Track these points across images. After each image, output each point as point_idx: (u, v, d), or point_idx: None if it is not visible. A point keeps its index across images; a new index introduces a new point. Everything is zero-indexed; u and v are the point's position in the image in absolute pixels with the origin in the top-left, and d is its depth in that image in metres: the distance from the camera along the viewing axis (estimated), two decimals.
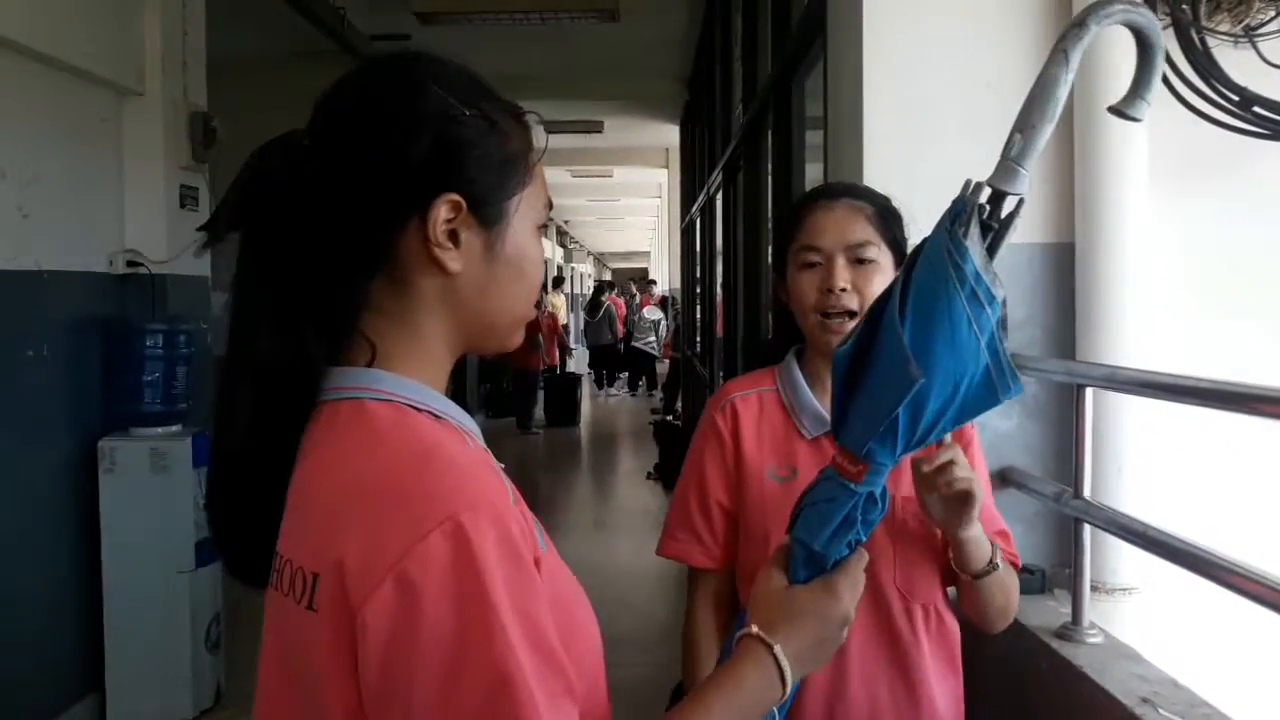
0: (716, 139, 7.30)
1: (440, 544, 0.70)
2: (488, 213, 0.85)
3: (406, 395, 0.82)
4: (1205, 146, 2.14)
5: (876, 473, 0.97)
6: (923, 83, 2.21)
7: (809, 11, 3.16)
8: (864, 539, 0.98)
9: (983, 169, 2.43)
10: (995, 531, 1.53)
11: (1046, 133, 0.92)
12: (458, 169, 0.83)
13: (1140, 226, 2.14)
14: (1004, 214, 0.94)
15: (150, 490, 3.75)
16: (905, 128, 2.21)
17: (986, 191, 0.94)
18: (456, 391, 11.01)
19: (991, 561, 1.40)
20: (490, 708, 0.69)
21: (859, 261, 1.46)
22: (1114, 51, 2.08)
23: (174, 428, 3.89)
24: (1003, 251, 0.94)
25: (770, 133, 4.23)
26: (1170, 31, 2.05)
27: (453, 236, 0.83)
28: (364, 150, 0.82)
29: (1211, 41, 2.02)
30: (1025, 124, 0.93)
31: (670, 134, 12.39)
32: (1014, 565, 1.53)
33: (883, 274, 1.47)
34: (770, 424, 1.54)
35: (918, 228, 1.56)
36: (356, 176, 0.82)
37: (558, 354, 13.63)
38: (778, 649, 0.91)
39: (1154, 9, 2.05)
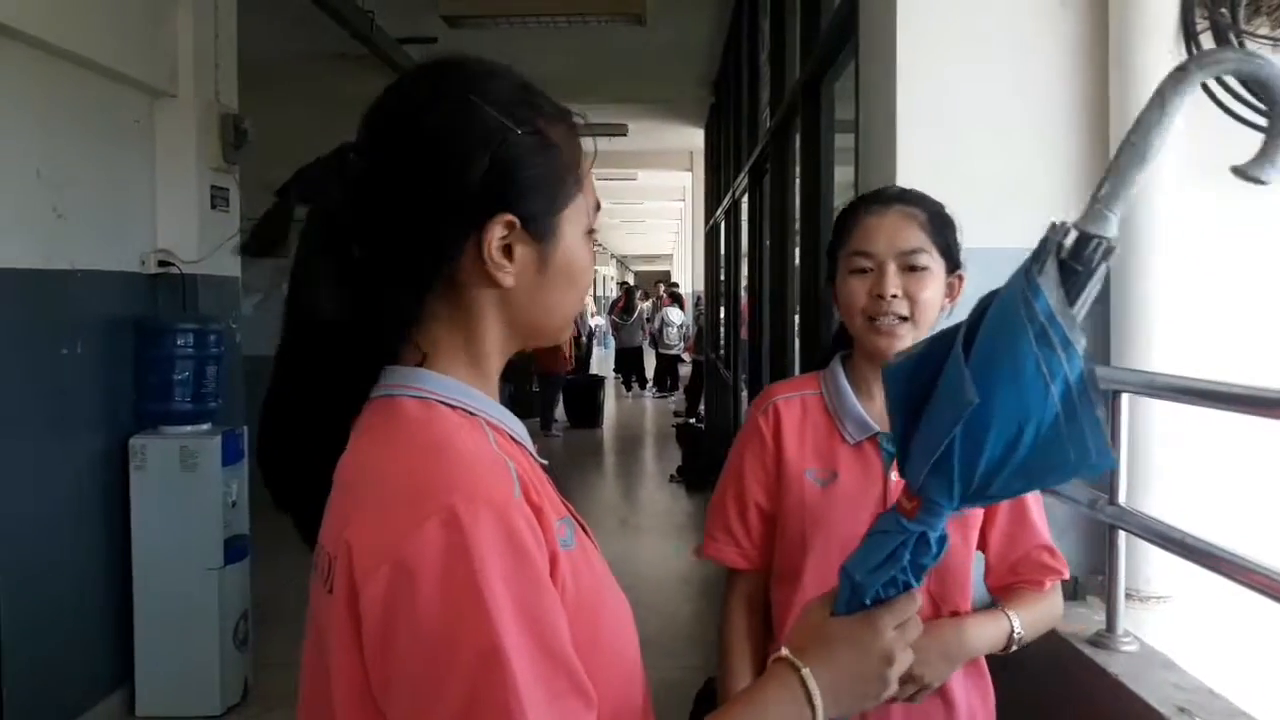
0: (742, 142, 7.29)
1: (435, 531, 0.73)
2: (540, 227, 0.87)
3: (442, 392, 0.85)
4: (1242, 150, 2.11)
5: (931, 512, 0.93)
6: (956, 87, 2.20)
7: (840, 14, 3.15)
8: (914, 583, 0.93)
9: (1016, 175, 2.42)
10: (1039, 545, 1.53)
11: (1135, 178, 0.88)
12: (512, 189, 0.85)
13: (1175, 231, 2.12)
14: (1092, 259, 0.88)
15: (180, 488, 3.79)
16: (939, 132, 2.20)
17: (1073, 234, 0.89)
18: None
19: (1010, 640, 1.46)
20: (477, 691, 0.70)
21: (911, 269, 1.46)
22: (1151, 51, 2.07)
23: (204, 426, 3.93)
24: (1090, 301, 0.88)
25: (798, 136, 4.22)
26: (1209, 34, 2.04)
27: (507, 251, 0.86)
28: (421, 173, 0.84)
29: (1251, 45, 2.00)
30: (1115, 167, 0.89)
31: (695, 137, 12.40)
32: (1061, 579, 1.55)
33: (935, 281, 1.47)
34: (813, 427, 1.54)
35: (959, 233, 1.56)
36: (415, 199, 0.84)
37: (575, 355, 13.64)
38: (805, 672, 0.88)
39: (1193, 12, 2.04)
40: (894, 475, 1.45)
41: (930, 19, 2.21)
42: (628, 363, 16.87)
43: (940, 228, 1.48)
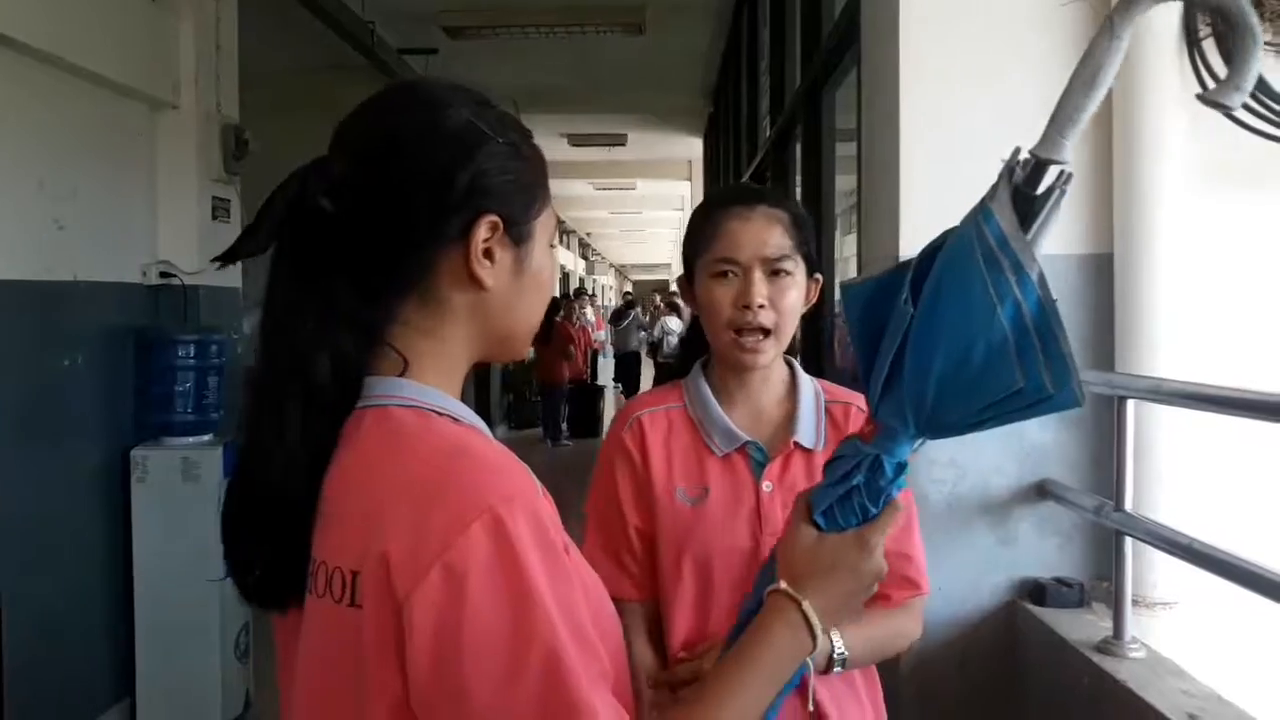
0: (742, 151, 7.31)
1: (481, 535, 0.74)
2: (518, 232, 0.90)
3: (426, 400, 0.86)
4: (1246, 156, 2.12)
5: (888, 436, 0.94)
6: (959, 92, 2.21)
7: (841, 23, 3.16)
8: (872, 508, 0.95)
9: None
10: (896, 552, 1.30)
11: (1087, 103, 0.87)
12: (494, 192, 0.88)
13: (1179, 237, 2.12)
14: (1048, 184, 0.89)
15: (181, 499, 3.76)
16: (942, 138, 2.20)
17: (1029, 160, 0.90)
18: (480, 403, 11.03)
19: (830, 661, 1.28)
20: (546, 690, 0.73)
21: (775, 274, 1.38)
22: (1154, 57, 2.08)
23: (205, 437, 3.91)
24: (1047, 236, 0.89)
25: (799, 144, 4.22)
26: (1211, 41, 2.04)
27: (488, 254, 0.88)
28: (408, 178, 0.86)
29: None
30: (1067, 94, 0.89)
31: (693, 146, 12.43)
32: (917, 595, 1.39)
33: (797, 287, 1.39)
34: (679, 443, 1.44)
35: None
36: (405, 203, 0.86)
37: (587, 365, 13.62)
38: (806, 605, 0.92)
39: (1195, 18, 2.04)
40: (766, 485, 1.38)
41: (932, 25, 2.22)
42: (624, 368, 16.75)
43: (802, 231, 1.41)
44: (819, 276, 1.46)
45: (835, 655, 1.28)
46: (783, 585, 0.94)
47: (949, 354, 0.88)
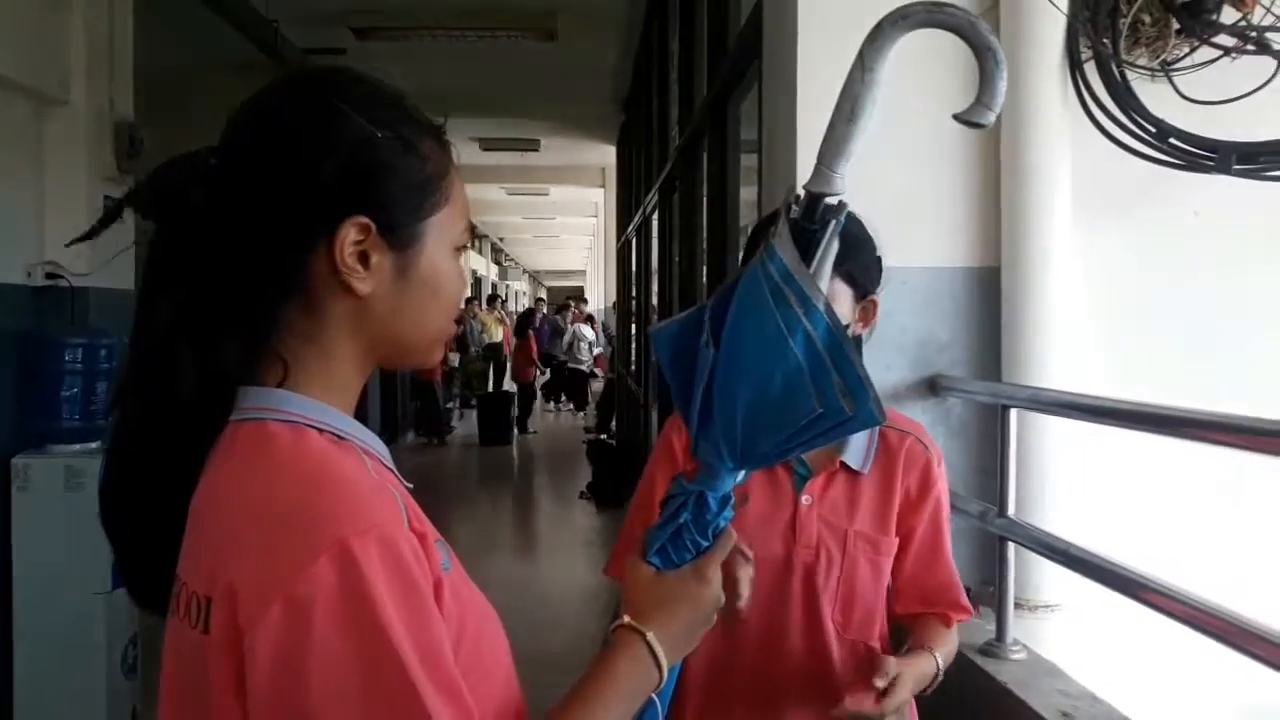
0: (653, 160, 7.34)
1: (328, 568, 0.71)
2: (400, 235, 0.84)
3: (309, 416, 0.82)
4: (1127, 176, 2.21)
5: (708, 473, 0.98)
6: None
7: (745, 36, 3.20)
8: (703, 542, 0.98)
9: (912, 196, 2.47)
10: (954, 582, 1.47)
11: (848, 134, 0.93)
12: (368, 192, 0.82)
13: (1064, 252, 2.20)
14: (823, 216, 0.96)
15: (65, 509, 3.62)
16: None
17: (802, 195, 0.96)
18: (386, 409, 10.85)
19: (934, 679, 1.39)
20: None
21: None
22: (1039, 77, 2.15)
23: (92, 444, 3.78)
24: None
25: (706, 155, 4.27)
26: (1092, 64, 2.12)
27: (363, 258, 0.83)
28: (273, 172, 0.82)
29: (1131, 75, 2.09)
30: (830, 130, 0.95)
31: (607, 154, 12.45)
32: (966, 620, 1.49)
33: (837, 301, 1.37)
34: None
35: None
36: (265, 199, 0.81)
37: (535, 371, 13.71)
38: (650, 636, 0.92)
39: (1078, 42, 2.12)
40: (805, 499, 1.42)
41: (829, 43, 2.25)
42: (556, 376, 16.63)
43: (843, 251, 1.43)
44: (875, 298, 1.44)
45: (937, 678, 1.38)
46: (627, 620, 0.94)
47: (751, 388, 0.93)
